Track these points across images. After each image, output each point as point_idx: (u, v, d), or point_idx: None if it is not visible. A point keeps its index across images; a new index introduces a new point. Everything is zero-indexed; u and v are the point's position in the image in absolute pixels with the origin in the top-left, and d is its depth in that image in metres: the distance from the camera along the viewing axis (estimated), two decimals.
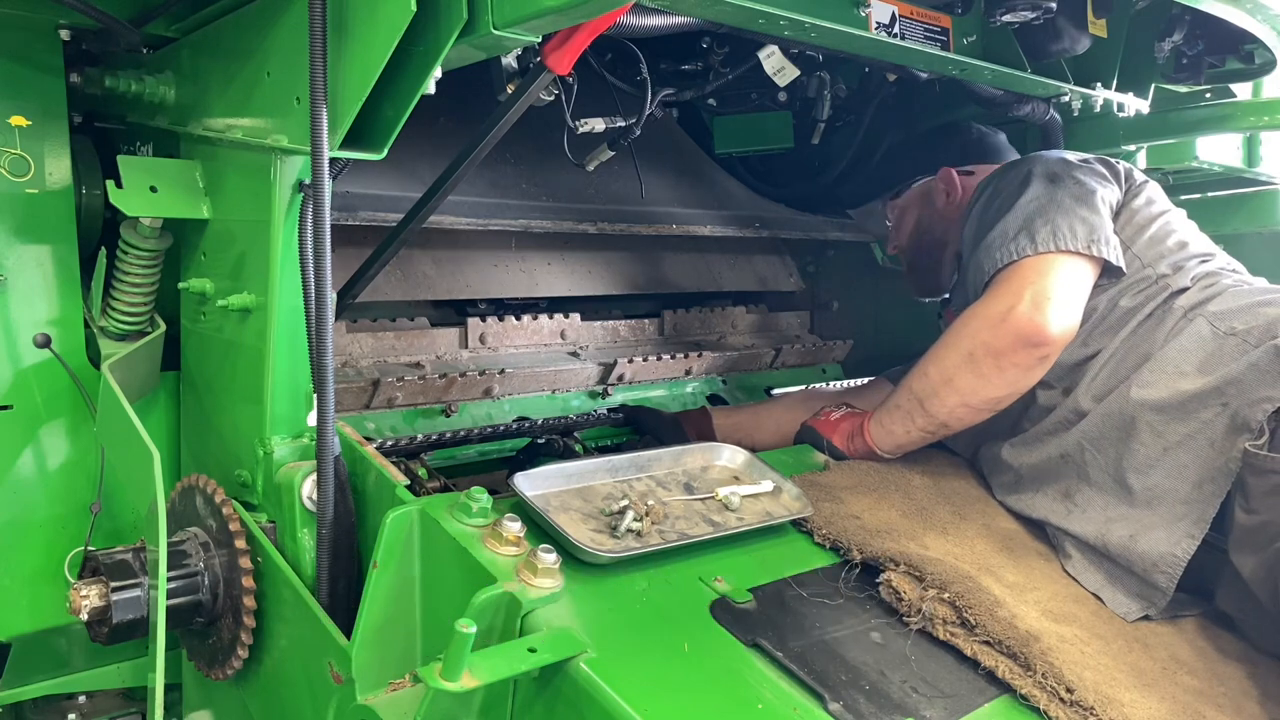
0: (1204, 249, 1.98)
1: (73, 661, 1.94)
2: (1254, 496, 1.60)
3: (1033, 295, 1.78)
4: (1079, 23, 2.07)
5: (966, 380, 1.82)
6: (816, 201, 2.96)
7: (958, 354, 1.83)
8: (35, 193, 1.80)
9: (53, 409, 1.82)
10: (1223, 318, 1.77)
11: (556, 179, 2.51)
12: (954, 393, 1.84)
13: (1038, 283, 1.80)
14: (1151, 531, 1.69)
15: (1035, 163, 2.04)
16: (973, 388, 1.82)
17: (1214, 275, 1.89)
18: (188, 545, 1.61)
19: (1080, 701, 1.34)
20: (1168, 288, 1.86)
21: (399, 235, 1.78)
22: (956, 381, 1.83)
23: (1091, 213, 1.89)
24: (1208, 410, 1.68)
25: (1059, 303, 1.78)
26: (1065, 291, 1.81)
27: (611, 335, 2.69)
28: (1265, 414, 1.61)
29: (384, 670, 1.40)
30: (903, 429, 1.93)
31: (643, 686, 1.20)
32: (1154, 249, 1.92)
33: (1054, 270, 1.81)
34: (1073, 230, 1.84)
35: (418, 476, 1.89)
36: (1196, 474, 1.67)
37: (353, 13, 1.33)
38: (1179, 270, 1.88)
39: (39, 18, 1.79)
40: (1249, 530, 1.60)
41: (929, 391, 1.87)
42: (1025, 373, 1.81)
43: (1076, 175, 1.98)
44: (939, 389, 1.86)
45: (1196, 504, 1.66)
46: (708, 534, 1.56)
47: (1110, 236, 1.87)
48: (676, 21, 1.63)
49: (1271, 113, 2.52)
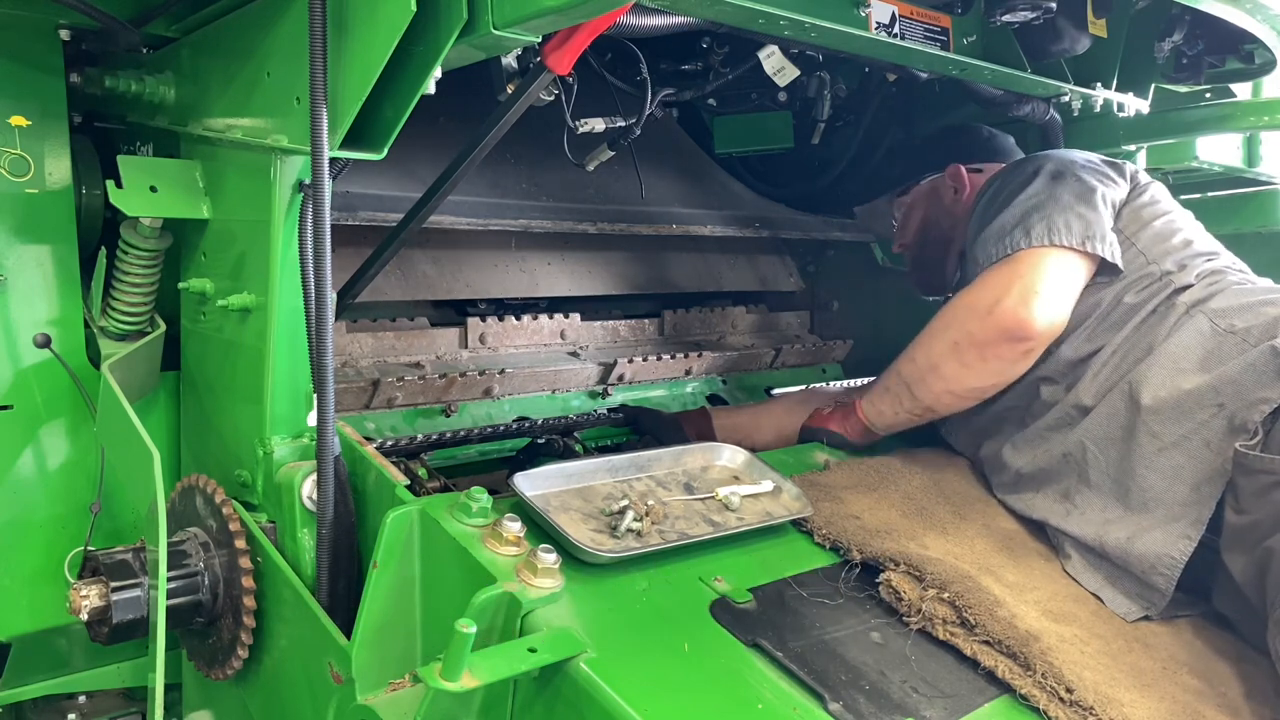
0: (1209, 248, 1.98)
1: (73, 661, 1.94)
2: (1244, 496, 1.60)
3: (1020, 289, 1.80)
4: (1079, 23, 2.07)
5: (951, 369, 1.86)
6: (817, 201, 2.96)
7: (944, 342, 1.87)
8: (35, 193, 1.80)
9: (53, 409, 1.82)
10: (1223, 315, 1.77)
11: (556, 179, 2.51)
12: (939, 380, 1.88)
13: (1027, 276, 1.81)
14: (1148, 533, 1.68)
15: (1041, 160, 2.04)
16: (957, 376, 1.86)
17: (1219, 273, 1.89)
18: (188, 545, 1.61)
19: (1080, 701, 1.34)
20: (1171, 284, 1.85)
21: (399, 235, 1.78)
22: (942, 369, 1.87)
23: (1089, 209, 1.89)
24: (1204, 411, 1.68)
25: (1046, 298, 1.80)
26: (1054, 286, 1.82)
27: (611, 335, 2.69)
28: (1262, 415, 1.60)
29: (384, 670, 1.40)
30: (892, 411, 1.98)
31: (643, 686, 1.20)
32: (1159, 246, 1.92)
33: (1045, 265, 1.82)
34: (1068, 226, 1.85)
35: (418, 476, 1.89)
36: (1193, 476, 1.67)
37: (353, 13, 1.33)
38: (1184, 268, 1.88)
39: (39, 18, 1.79)
40: (1239, 530, 1.60)
41: (916, 377, 1.92)
42: (1009, 365, 1.84)
43: (1079, 173, 1.98)
44: (925, 375, 1.90)
45: (1193, 506, 1.66)
46: (708, 534, 1.56)
47: (1107, 234, 1.88)
48: (676, 21, 1.63)
49: (1271, 113, 2.52)
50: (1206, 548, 1.68)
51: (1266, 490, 1.56)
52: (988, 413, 2.00)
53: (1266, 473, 1.56)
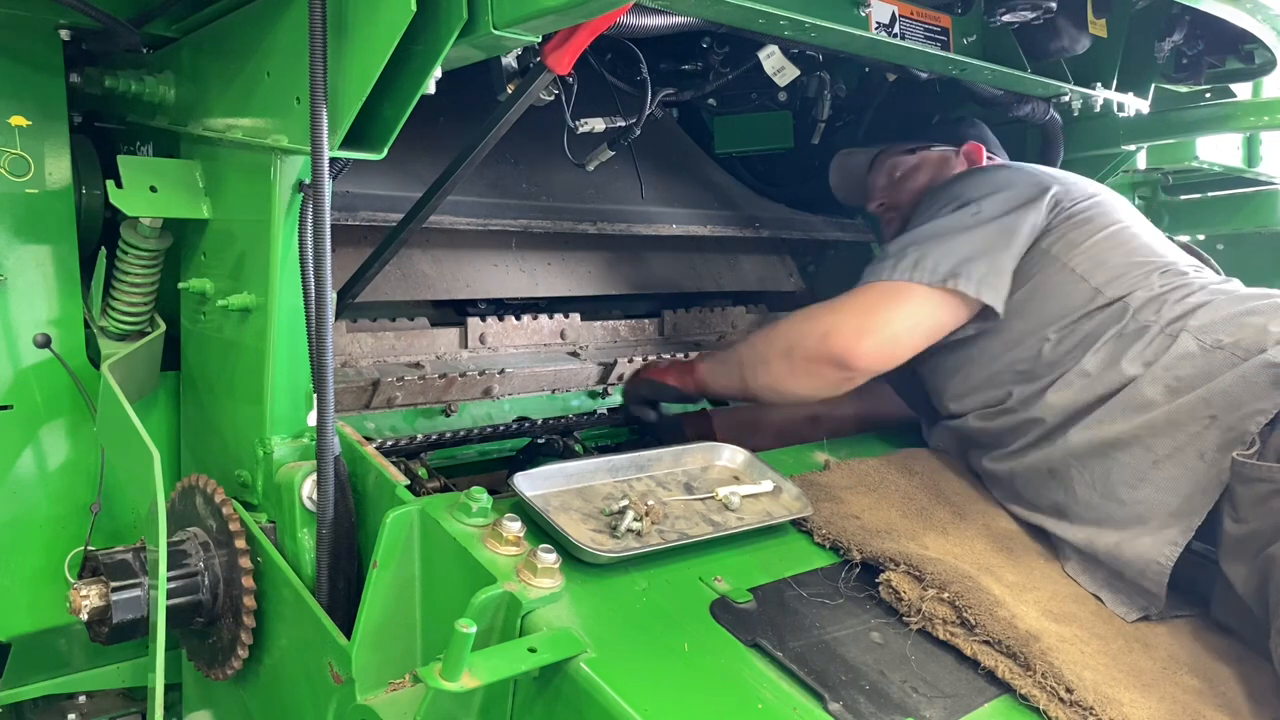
0: (1160, 256, 1.93)
1: (73, 661, 1.94)
2: (1242, 505, 1.59)
3: (858, 324, 1.86)
4: (1079, 22, 2.07)
5: (778, 369, 1.95)
6: (817, 201, 2.96)
7: (782, 343, 1.95)
8: (35, 193, 1.80)
9: (53, 409, 1.82)
10: (1207, 331, 1.74)
11: (556, 179, 2.51)
12: (766, 374, 1.97)
13: (872, 312, 1.87)
14: (1138, 540, 1.67)
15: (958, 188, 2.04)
16: (780, 378, 1.95)
17: (1181, 287, 1.85)
18: (188, 545, 1.61)
19: (1080, 701, 1.34)
20: (1128, 307, 1.83)
21: (399, 235, 1.78)
22: (771, 366, 1.96)
23: (970, 244, 1.89)
24: (1196, 424, 1.66)
25: (881, 337, 1.85)
26: (897, 326, 1.86)
27: (611, 335, 2.69)
28: (1259, 425, 1.59)
29: (384, 670, 1.40)
30: (724, 382, 2.09)
31: (643, 686, 1.20)
32: (1102, 270, 1.88)
33: (897, 301, 1.87)
34: (936, 265, 1.86)
35: (418, 476, 1.89)
36: (1187, 487, 1.66)
37: (353, 13, 1.33)
38: (1133, 287, 1.85)
39: (39, 18, 1.78)
40: (1239, 540, 1.59)
41: (750, 362, 2.02)
42: (829, 385, 1.92)
43: (983, 203, 1.97)
44: (757, 365, 1.99)
45: (1184, 515, 1.65)
46: (708, 534, 1.56)
47: (987, 273, 1.86)
48: (676, 21, 1.63)
49: (1271, 113, 2.52)
50: (1203, 558, 1.67)
51: (1265, 498, 1.55)
52: (967, 429, 2.00)
53: (1265, 481, 1.55)
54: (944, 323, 1.91)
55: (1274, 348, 1.65)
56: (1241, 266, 2.33)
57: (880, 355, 1.86)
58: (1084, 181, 2.12)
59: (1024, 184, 2.03)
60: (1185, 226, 3.37)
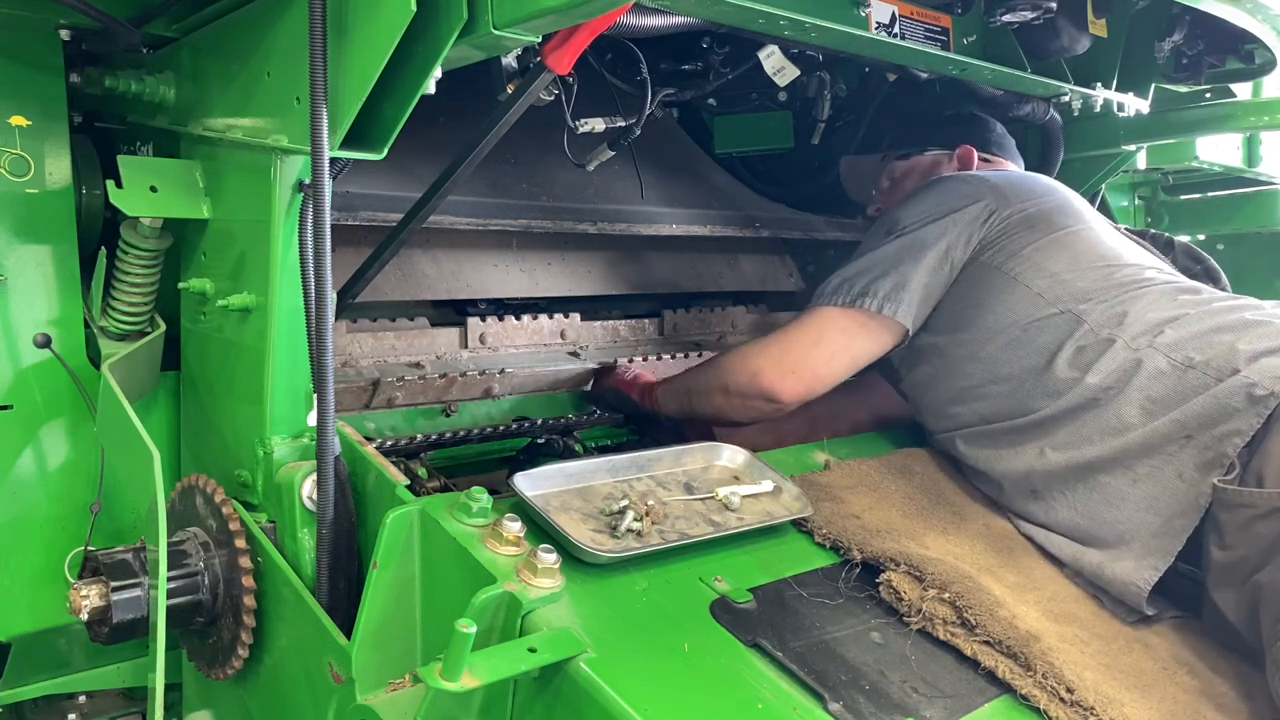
0: (1113, 263, 1.93)
1: (73, 661, 1.94)
2: (1228, 532, 1.58)
3: (781, 360, 1.98)
4: (1079, 22, 2.07)
5: (719, 401, 2.08)
6: (817, 201, 2.96)
7: (719, 380, 2.07)
8: (35, 193, 1.79)
9: (53, 409, 1.82)
10: (1176, 348, 1.73)
11: (556, 179, 2.50)
12: (709, 404, 2.10)
13: (792, 348, 1.98)
14: (1119, 561, 1.67)
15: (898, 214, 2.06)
16: (721, 409, 2.09)
17: (1138, 295, 1.84)
18: (188, 545, 1.61)
19: (1080, 701, 1.35)
20: (1079, 317, 1.83)
21: (399, 235, 1.78)
22: (711, 397, 2.09)
23: (882, 263, 1.96)
24: (1172, 443, 1.66)
25: (801, 373, 1.96)
26: (813, 359, 1.97)
27: (611, 335, 2.69)
28: (1236, 448, 1.58)
29: (384, 670, 1.40)
30: (675, 406, 2.20)
31: (643, 686, 1.20)
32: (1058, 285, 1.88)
33: (814, 334, 1.98)
34: (850, 285, 1.96)
35: (418, 476, 1.89)
36: (1167, 508, 1.65)
37: (353, 13, 1.33)
38: (1089, 296, 1.85)
39: (39, 18, 1.78)
40: (1227, 567, 1.58)
41: (697, 390, 2.13)
42: (765, 415, 2.05)
43: (906, 221, 2.01)
44: (700, 395, 2.12)
45: (1165, 537, 1.64)
46: (708, 534, 1.56)
47: (892, 289, 1.93)
48: (676, 21, 1.63)
49: (1271, 113, 2.52)
50: (1190, 580, 1.67)
51: (1249, 524, 1.54)
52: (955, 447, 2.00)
53: (1246, 506, 1.54)
54: (864, 346, 1.99)
55: (1247, 367, 1.63)
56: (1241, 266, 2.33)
57: (803, 389, 1.98)
58: (1030, 185, 2.11)
59: (950, 197, 2.04)
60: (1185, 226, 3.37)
